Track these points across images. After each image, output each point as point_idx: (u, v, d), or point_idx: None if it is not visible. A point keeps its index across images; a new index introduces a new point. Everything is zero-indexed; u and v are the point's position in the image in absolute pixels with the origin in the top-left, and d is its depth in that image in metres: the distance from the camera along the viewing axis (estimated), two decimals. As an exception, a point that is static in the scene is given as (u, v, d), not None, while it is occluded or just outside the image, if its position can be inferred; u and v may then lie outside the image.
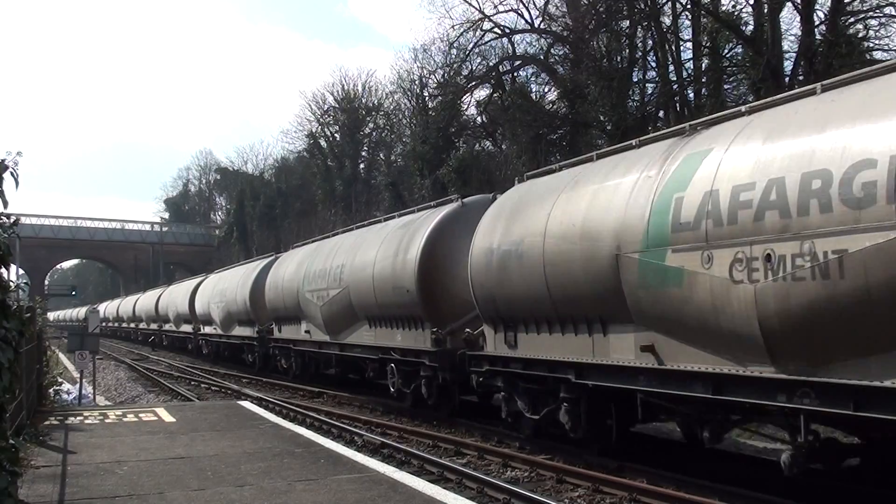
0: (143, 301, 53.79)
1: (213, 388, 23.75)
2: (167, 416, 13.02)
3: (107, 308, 69.61)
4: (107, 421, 12.59)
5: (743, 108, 8.72)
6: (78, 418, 12.81)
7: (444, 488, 8.03)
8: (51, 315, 72.08)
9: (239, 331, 29.16)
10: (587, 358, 9.86)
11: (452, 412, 14.75)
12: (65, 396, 18.80)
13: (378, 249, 16.70)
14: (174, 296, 42.66)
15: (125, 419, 12.81)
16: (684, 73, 27.86)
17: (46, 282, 78.52)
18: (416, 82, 44.34)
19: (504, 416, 12.23)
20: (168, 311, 43.15)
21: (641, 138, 10.57)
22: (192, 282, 40.22)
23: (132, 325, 59.82)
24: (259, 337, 26.35)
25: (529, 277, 10.79)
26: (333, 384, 21.05)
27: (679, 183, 8.29)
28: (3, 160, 4.50)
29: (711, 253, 7.66)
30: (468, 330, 13.45)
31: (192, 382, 25.95)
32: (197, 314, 35.74)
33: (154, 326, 48.87)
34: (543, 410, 11.08)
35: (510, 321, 11.80)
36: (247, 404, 15.49)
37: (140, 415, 13.35)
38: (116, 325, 67.79)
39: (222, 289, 31.12)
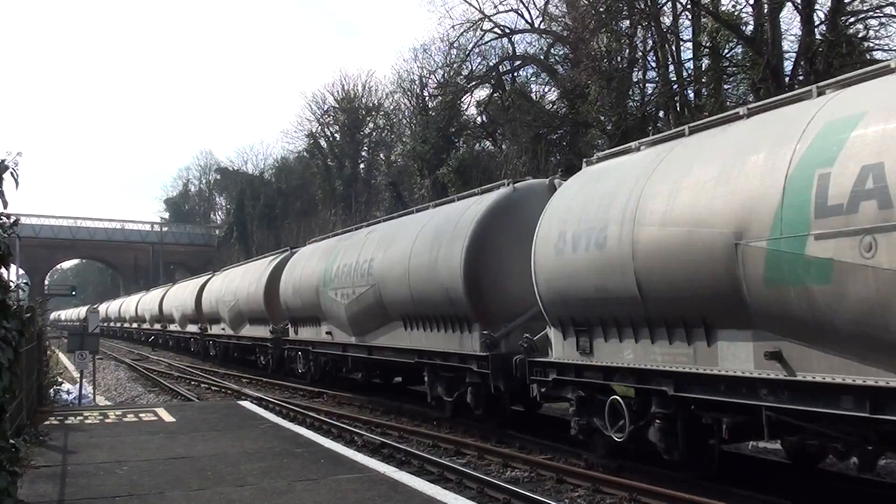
0: (127, 304, 60.98)
1: (213, 388, 23.76)
2: (167, 416, 13.03)
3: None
4: (107, 421, 12.59)
5: (354, 227, 21.24)
6: (78, 418, 12.82)
7: (444, 488, 8.03)
8: (51, 315, 72.35)
9: (190, 328, 38.22)
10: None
11: (285, 373, 23.57)
12: (65, 396, 18.80)
13: (251, 277, 26.82)
14: (150, 300, 49.92)
15: (125, 419, 12.81)
16: (684, 73, 27.87)
17: (46, 282, 78.37)
18: (416, 82, 44.45)
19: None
20: (145, 312, 51.08)
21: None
22: (163, 289, 49.05)
23: (118, 324, 65.48)
24: (200, 333, 35.51)
25: (296, 297, 21.35)
26: (237, 363, 30.61)
27: (332, 261, 19.23)
28: (3, 160, 4.50)
29: (336, 291, 18.63)
30: (283, 325, 23.28)
31: (192, 382, 25.96)
32: (164, 314, 44.17)
33: (135, 325, 56.93)
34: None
35: (296, 320, 21.71)
36: (247, 404, 15.50)
37: (140, 415, 13.35)
38: (106, 324, 68.34)
39: (182, 297, 39.53)
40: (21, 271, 62.04)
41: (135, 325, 56.89)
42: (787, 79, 23.00)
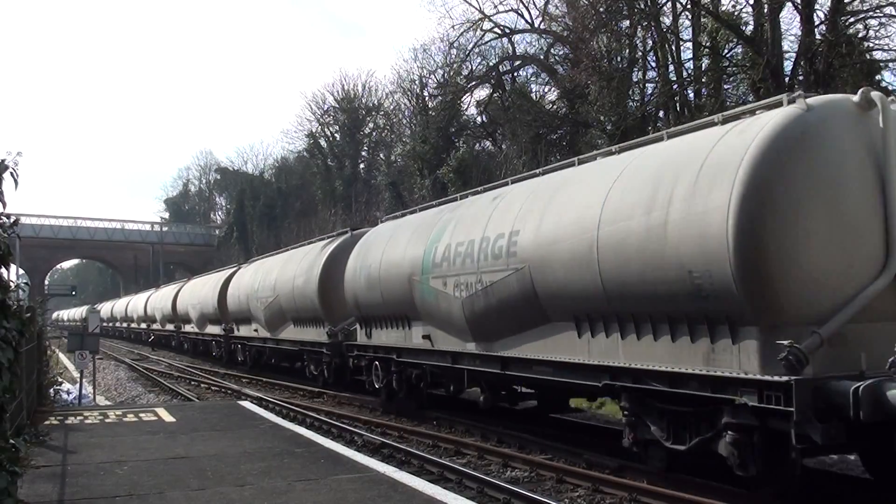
0: (135, 302, 58.85)
1: (213, 388, 23.76)
2: (167, 416, 13.03)
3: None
4: (107, 421, 12.59)
5: (458, 196, 15.52)
6: (78, 418, 12.82)
7: (444, 488, 8.03)
8: (52, 315, 72.42)
9: (210, 329, 34.23)
10: (402, 343, 15.31)
11: (345, 388, 19.63)
12: (65, 396, 18.80)
13: (297, 268, 22.07)
14: (161, 298, 46.82)
15: (125, 419, 12.81)
16: (684, 73, 27.87)
17: (46, 282, 78.46)
18: (416, 82, 44.45)
19: (368, 387, 16.42)
20: (155, 312, 47.66)
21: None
22: (177, 285, 45.74)
23: (124, 324, 64.09)
24: (224, 335, 31.28)
25: (373, 290, 16.11)
26: (273, 371, 26.65)
27: (434, 240, 13.75)
28: (3, 160, 4.51)
29: (446, 280, 13.03)
30: (346, 327, 18.94)
31: (192, 382, 25.96)
32: (178, 314, 40.39)
33: (144, 326, 53.50)
34: (387, 380, 15.96)
35: (369, 319, 16.75)
36: (247, 404, 15.50)
37: (140, 415, 13.35)
38: (110, 325, 68.52)
39: (200, 293, 35.70)
40: (21, 271, 62.11)
41: (143, 325, 53.14)
42: (786, 79, 23.00)
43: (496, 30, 38.87)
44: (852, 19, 23.21)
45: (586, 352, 9.92)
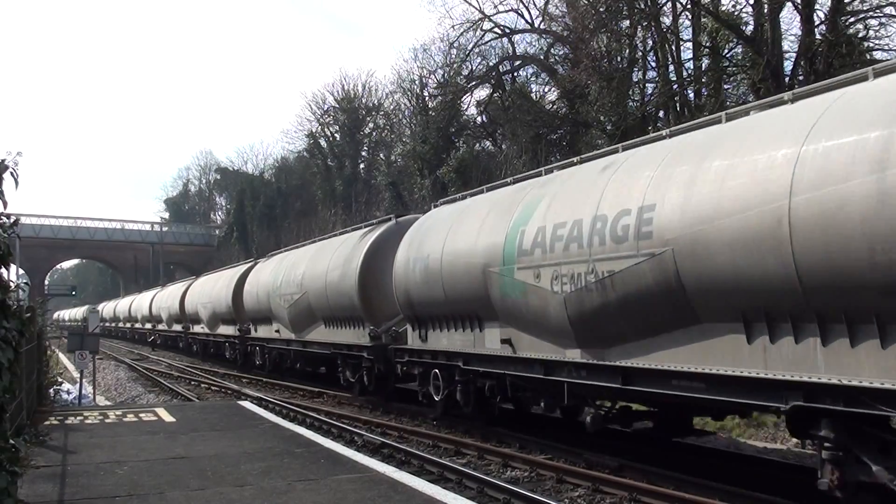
0: (139, 302, 57.80)
1: (213, 388, 23.77)
2: (167, 416, 13.03)
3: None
4: (107, 421, 12.59)
5: (542, 171, 12.62)
6: (78, 418, 12.82)
7: (444, 488, 8.02)
8: (54, 315, 72.41)
9: (222, 329, 32.62)
10: (470, 349, 12.80)
11: (388, 398, 17.68)
12: (65, 396, 18.82)
13: (330, 261, 19.34)
14: (167, 297, 45.64)
15: (125, 419, 12.81)
16: (684, 73, 27.86)
17: (46, 282, 78.50)
18: (416, 82, 44.44)
19: (422, 398, 14.93)
20: (161, 311, 46.22)
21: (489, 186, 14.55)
22: (184, 283, 44.04)
23: (127, 325, 63.38)
24: (240, 336, 29.29)
25: (432, 285, 13.58)
26: (297, 376, 24.21)
27: (520, 223, 11.17)
28: (3, 160, 4.50)
29: (539, 271, 10.44)
30: (394, 328, 16.57)
31: (192, 382, 25.96)
32: (186, 314, 38.94)
33: (149, 326, 52.40)
34: (447, 390, 13.78)
35: (425, 319, 14.40)
36: (247, 404, 15.50)
37: (140, 415, 13.35)
38: (113, 325, 68.52)
39: (211, 292, 33.95)
40: (21, 271, 62.13)
41: (148, 325, 50.95)
42: (787, 79, 22.99)
43: (496, 30, 38.88)
44: (852, 19, 23.20)
45: (761, 362, 7.39)
